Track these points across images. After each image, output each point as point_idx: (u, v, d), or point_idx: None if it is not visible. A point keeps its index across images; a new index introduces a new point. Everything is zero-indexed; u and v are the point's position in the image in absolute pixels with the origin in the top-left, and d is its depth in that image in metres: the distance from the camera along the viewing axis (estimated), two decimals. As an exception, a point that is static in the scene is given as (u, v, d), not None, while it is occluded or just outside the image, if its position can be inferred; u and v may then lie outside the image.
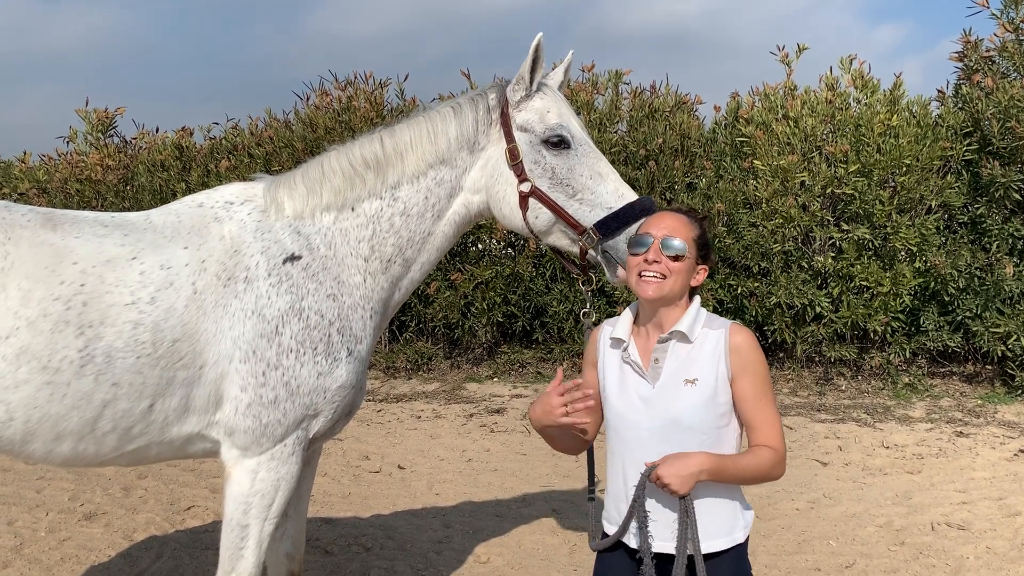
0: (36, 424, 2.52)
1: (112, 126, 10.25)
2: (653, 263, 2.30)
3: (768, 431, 2.28)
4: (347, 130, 8.60)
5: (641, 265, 2.32)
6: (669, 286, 2.30)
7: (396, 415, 7.55)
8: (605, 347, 2.46)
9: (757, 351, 2.30)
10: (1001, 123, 7.51)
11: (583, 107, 8.57)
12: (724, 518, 2.30)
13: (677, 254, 2.30)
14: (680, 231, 2.33)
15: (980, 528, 4.84)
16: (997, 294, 7.53)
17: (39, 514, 5.02)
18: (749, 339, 2.30)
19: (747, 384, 2.28)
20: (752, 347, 2.29)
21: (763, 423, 2.28)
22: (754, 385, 2.28)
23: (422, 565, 4.37)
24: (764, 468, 2.26)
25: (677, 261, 2.30)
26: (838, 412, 7.31)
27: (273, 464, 2.70)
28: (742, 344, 2.28)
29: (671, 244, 2.30)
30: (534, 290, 8.54)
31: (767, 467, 2.26)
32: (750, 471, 2.25)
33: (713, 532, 2.27)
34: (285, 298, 2.67)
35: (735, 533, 2.31)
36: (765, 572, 4.32)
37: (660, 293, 2.30)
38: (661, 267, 2.30)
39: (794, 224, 7.69)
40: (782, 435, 2.30)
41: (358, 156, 2.86)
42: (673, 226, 2.33)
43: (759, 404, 2.28)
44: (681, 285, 2.32)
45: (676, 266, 2.30)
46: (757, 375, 2.28)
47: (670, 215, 2.39)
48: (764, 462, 2.26)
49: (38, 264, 2.53)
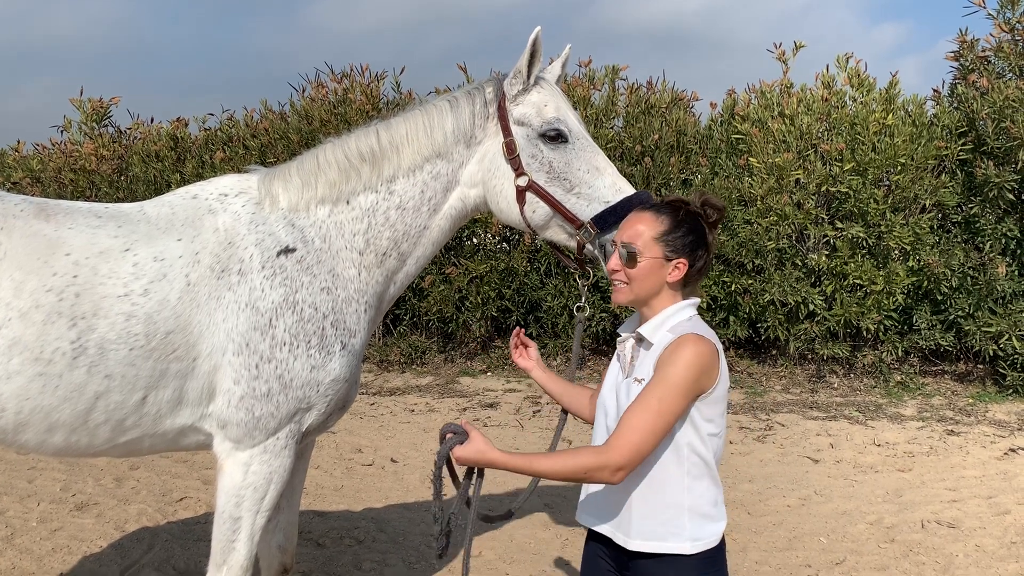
0: (28, 415, 2.51)
1: (107, 116, 10.20)
2: (614, 272, 2.33)
3: (619, 436, 2.13)
4: (343, 123, 8.57)
5: (610, 275, 2.36)
6: (635, 291, 2.31)
7: (389, 408, 7.55)
8: (618, 341, 2.49)
9: (685, 365, 2.14)
10: (996, 123, 7.53)
11: (580, 102, 8.56)
12: (659, 521, 2.23)
13: (633, 259, 2.28)
14: (641, 234, 2.28)
15: (970, 526, 4.87)
16: (989, 294, 7.56)
17: (31, 504, 5.01)
18: (689, 350, 2.16)
19: (649, 383, 2.17)
20: (684, 358, 2.15)
21: (626, 426, 2.13)
22: (651, 388, 2.15)
23: (414, 558, 4.37)
24: (571, 467, 2.14)
25: (634, 267, 2.28)
26: (830, 409, 7.33)
27: (266, 457, 2.69)
28: (677, 350, 2.17)
29: (624, 252, 2.30)
30: (529, 285, 8.55)
31: (575, 466, 2.14)
32: (550, 470, 2.16)
33: (644, 532, 2.23)
34: (279, 291, 2.66)
35: (669, 541, 2.22)
36: (756, 568, 4.34)
37: (627, 299, 2.33)
38: (620, 275, 2.32)
39: (788, 222, 7.70)
40: (633, 448, 2.11)
41: (354, 149, 2.84)
42: (634, 230, 2.30)
43: (641, 406, 2.14)
44: (648, 287, 2.29)
45: (635, 272, 2.28)
46: (662, 381, 2.14)
47: (635, 217, 2.35)
48: (572, 463, 2.14)
49: (31, 255, 2.52)
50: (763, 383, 8.10)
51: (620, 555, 2.32)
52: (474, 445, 2.25)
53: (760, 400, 7.64)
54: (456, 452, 2.27)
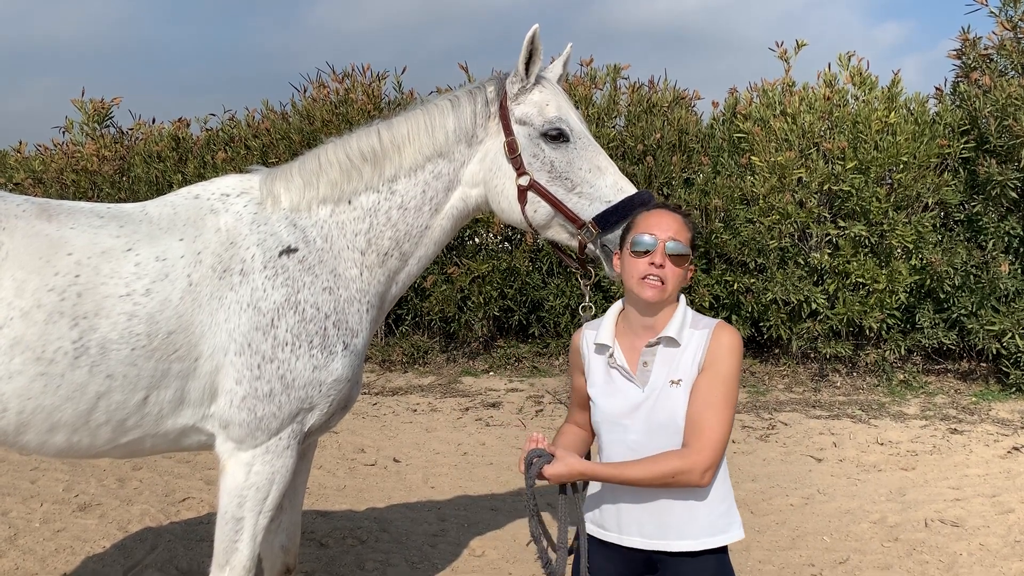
0: (30, 415, 2.51)
1: (108, 116, 10.21)
2: (659, 267, 2.28)
3: (699, 436, 2.18)
4: (344, 123, 8.57)
5: (647, 268, 2.29)
6: (670, 289, 2.30)
7: (392, 408, 7.55)
8: (590, 352, 2.44)
9: (732, 355, 2.24)
10: (998, 121, 7.51)
11: (581, 101, 8.55)
12: (718, 514, 2.30)
13: (685, 258, 2.30)
14: (681, 233, 2.32)
15: (973, 525, 4.86)
16: (992, 292, 7.55)
17: (33, 505, 5.01)
18: (730, 340, 2.26)
19: (704, 381, 2.23)
20: (729, 348, 2.24)
21: (700, 426, 2.19)
22: (711, 385, 2.21)
23: (417, 558, 4.37)
24: (658, 472, 2.18)
25: (680, 265, 2.29)
26: (833, 408, 7.32)
27: (268, 457, 2.69)
28: (720, 342, 2.26)
29: (676, 248, 2.28)
30: (531, 284, 8.54)
31: (663, 471, 2.18)
32: (640, 477, 2.19)
33: (703, 529, 2.27)
34: (281, 291, 2.66)
35: (730, 532, 2.30)
36: (759, 568, 4.33)
37: (662, 297, 2.30)
38: (666, 271, 2.28)
39: (791, 220, 7.69)
40: (715, 446, 2.18)
41: (355, 149, 2.84)
42: (676, 228, 2.31)
43: (708, 405, 2.20)
44: (677, 287, 2.33)
45: (679, 270, 2.30)
46: (718, 376, 2.22)
47: (670, 215, 2.35)
48: (660, 468, 2.18)
49: (33, 255, 2.52)
50: (766, 382, 8.09)
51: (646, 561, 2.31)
52: (562, 461, 2.24)
53: (763, 399, 7.63)
54: (546, 471, 2.24)
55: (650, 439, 2.27)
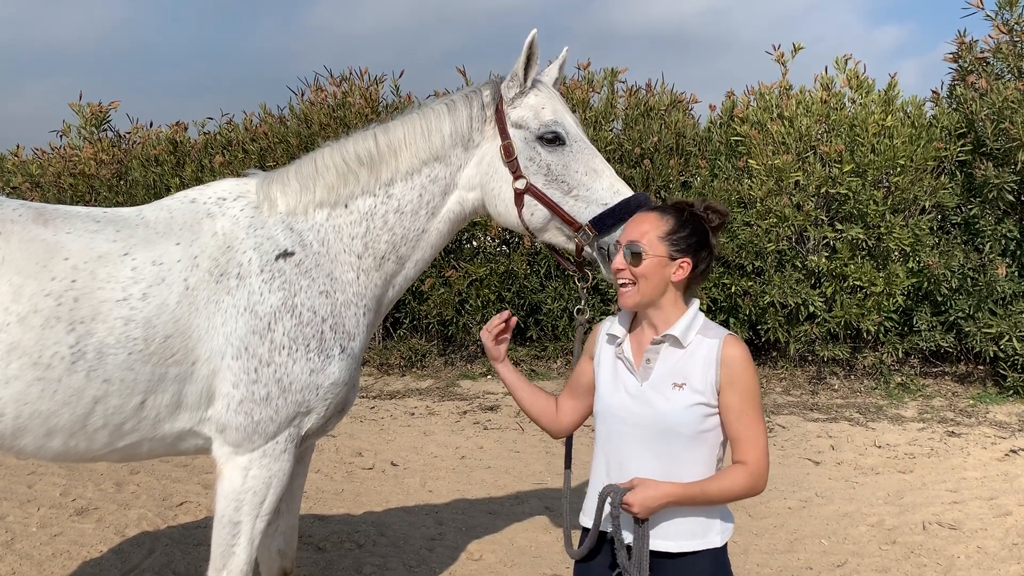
0: (27, 420, 2.50)
1: (106, 120, 10.20)
2: (619, 271, 2.34)
3: (749, 448, 2.28)
4: (342, 126, 8.57)
5: (616, 275, 2.37)
6: (641, 291, 2.33)
7: (389, 412, 7.54)
8: (603, 342, 2.49)
9: (748, 366, 2.31)
10: (995, 124, 7.52)
11: (578, 105, 8.56)
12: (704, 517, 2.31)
13: (637, 257, 2.31)
14: (646, 233, 2.32)
15: (971, 528, 4.86)
16: (990, 295, 7.56)
17: (30, 509, 5.00)
18: (742, 353, 2.31)
19: (734, 398, 2.28)
20: (744, 362, 2.30)
21: (746, 439, 2.28)
22: (741, 400, 2.28)
23: (415, 562, 4.37)
24: (735, 490, 2.26)
25: (639, 265, 2.30)
26: (831, 411, 7.33)
27: (265, 461, 2.69)
28: (734, 357, 2.30)
29: (629, 250, 2.32)
30: (528, 288, 8.54)
31: (739, 489, 2.27)
32: (719, 496, 2.27)
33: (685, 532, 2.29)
34: (278, 294, 2.66)
35: (709, 536, 2.31)
36: (757, 571, 4.33)
37: (634, 300, 2.34)
38: (626, 273, 2.33)
39: (788, 223, 7.70)
40: (764, 452, 2.29)
41: (352, 153, 2.85)
42: (638, 230, 2.34)
43: (743, 419, 2.28)
44: (654, 286, 2.32)
45: (640, 270, 2.31)
46: (746, 390, 2.29)
47: (640, 217, 2.39)
48: (735, 485, 2.26)
49: (29, 259, 2.52)
50: (763, 385, 8.09)
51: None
52: (647, 487, 2.22)
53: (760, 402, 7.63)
54: (629, 498, 2.22)
55: (638, 433, 2.30)
